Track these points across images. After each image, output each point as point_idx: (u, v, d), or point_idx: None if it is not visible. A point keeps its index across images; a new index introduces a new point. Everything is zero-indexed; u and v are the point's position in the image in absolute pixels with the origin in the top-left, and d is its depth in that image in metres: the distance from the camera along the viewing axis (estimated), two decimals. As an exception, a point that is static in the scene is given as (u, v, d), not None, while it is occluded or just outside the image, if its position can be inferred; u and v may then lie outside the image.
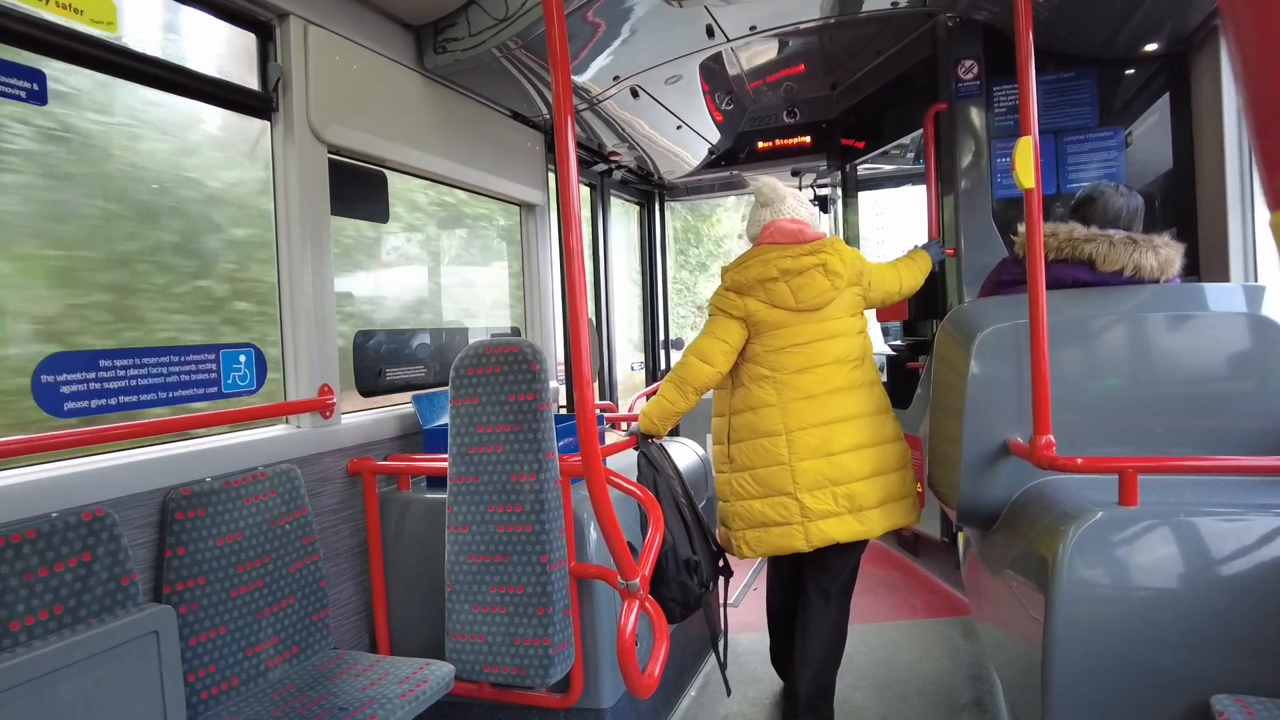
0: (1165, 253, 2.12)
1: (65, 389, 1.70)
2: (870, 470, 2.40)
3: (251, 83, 2.23)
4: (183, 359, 1.98)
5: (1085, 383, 2.04)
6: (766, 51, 3.83)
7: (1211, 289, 2.09)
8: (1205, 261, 3.01)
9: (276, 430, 2.27)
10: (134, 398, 1.85)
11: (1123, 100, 3.23)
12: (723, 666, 2.67)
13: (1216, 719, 1.46)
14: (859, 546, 2.51)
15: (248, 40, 2.23)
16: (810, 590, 2.54)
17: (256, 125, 2.28)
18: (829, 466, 2.38)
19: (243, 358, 2.14)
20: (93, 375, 1.76)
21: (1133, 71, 3.20)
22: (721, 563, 2.67)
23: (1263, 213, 2.81)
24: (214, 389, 2.07)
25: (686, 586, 2.46)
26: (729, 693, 2.86)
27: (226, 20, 2.16)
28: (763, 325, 2.46)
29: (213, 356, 2.06)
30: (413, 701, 1.82)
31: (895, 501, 2.44)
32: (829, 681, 2.53)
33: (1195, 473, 1.88)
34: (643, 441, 2.62)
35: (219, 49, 2.17)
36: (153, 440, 1.93)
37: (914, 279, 2.71)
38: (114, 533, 1.62)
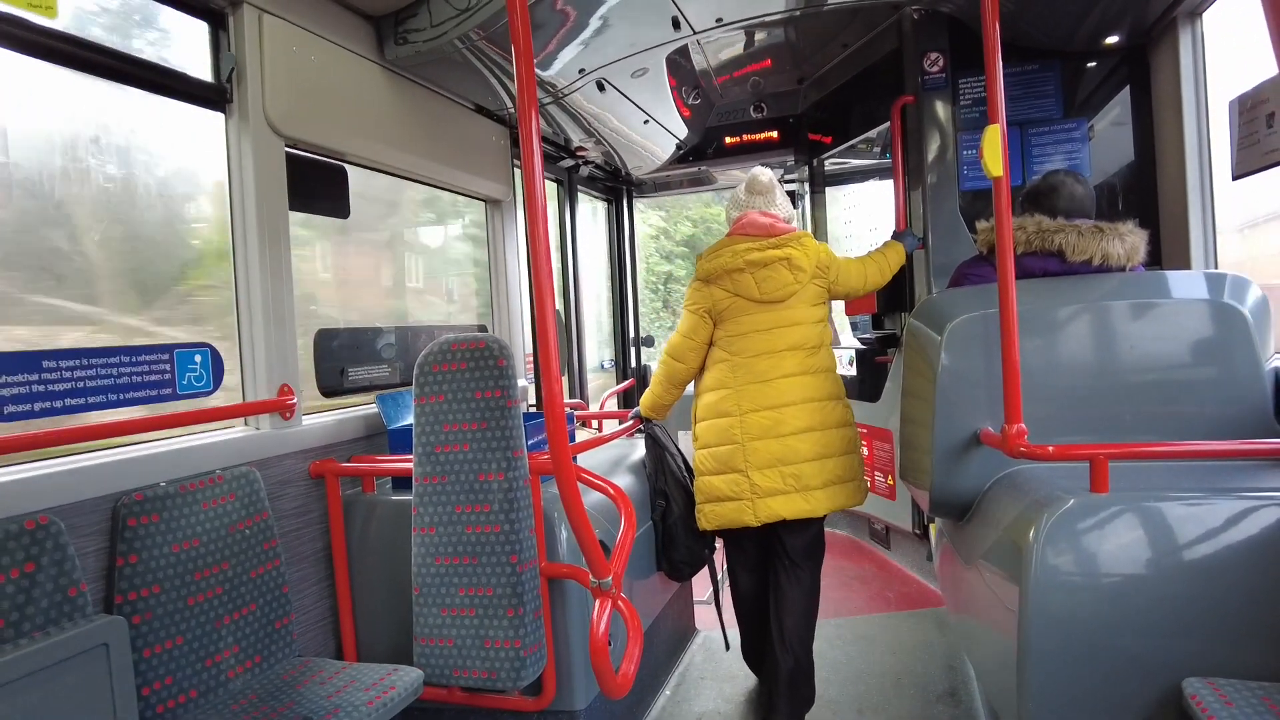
0: (1130, 240, 2.15)
1: (5, 391, 1.62)
2: (817, 452, 2.49)
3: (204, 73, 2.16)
4: (134, 359, 1.90)
5: (1055, 371, 2.05)
6: (733, 45, 3.82)
7: (1175, 276, 2.11)
8: (1167, 250, 3.06)
9: (235, 432, 2.20)
10: (81, 400, 1.77)
11: (1086, 93, 3.27)
12: (722, 623, 2.99)
13: (1189, 702, 1.47)
14: (814, 521, 2.60)
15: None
16: (779, 566, 2.62)
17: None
18: (778, 447, 2.48)
19: (198, 357, 2.06)
20: (35, 377, 1.67)
21: (1095, 64, 3.24)
22: None
23: (1222, 202, 2.87)
24: (168, 390, 1.99)
25: (694, 550, 2.83)
26: (728, 647, 3.02)
27: (176, 7, 2.09)
28: (726, 313, 2.58)
29: (166, 357, 1.98)
30: (380, 709, 1.77)
31: (841, 484, 2.53)
32: (808, 658, 2.59)
33: (1164, 458, 1.89)
34: (646, 424, 2.96)
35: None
36: (102, 444, 1.85)
37: (880, 275, 2.77)
38: (59, 541, 1.54)
